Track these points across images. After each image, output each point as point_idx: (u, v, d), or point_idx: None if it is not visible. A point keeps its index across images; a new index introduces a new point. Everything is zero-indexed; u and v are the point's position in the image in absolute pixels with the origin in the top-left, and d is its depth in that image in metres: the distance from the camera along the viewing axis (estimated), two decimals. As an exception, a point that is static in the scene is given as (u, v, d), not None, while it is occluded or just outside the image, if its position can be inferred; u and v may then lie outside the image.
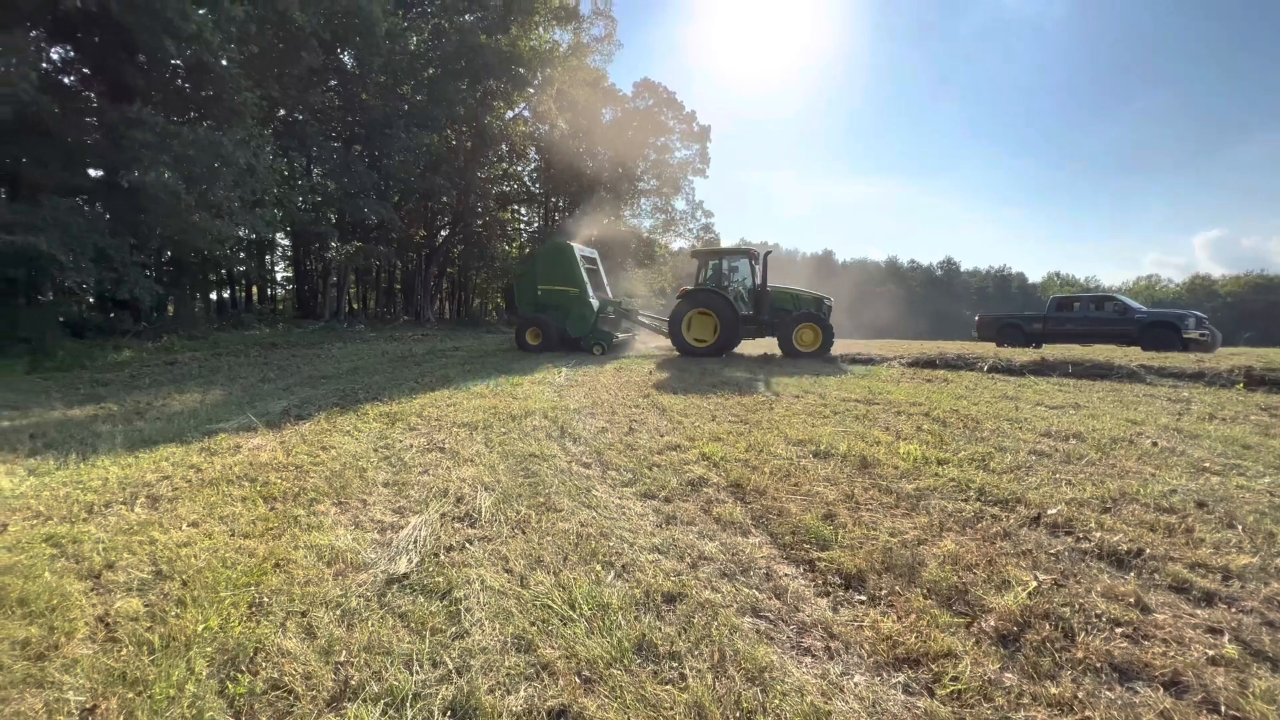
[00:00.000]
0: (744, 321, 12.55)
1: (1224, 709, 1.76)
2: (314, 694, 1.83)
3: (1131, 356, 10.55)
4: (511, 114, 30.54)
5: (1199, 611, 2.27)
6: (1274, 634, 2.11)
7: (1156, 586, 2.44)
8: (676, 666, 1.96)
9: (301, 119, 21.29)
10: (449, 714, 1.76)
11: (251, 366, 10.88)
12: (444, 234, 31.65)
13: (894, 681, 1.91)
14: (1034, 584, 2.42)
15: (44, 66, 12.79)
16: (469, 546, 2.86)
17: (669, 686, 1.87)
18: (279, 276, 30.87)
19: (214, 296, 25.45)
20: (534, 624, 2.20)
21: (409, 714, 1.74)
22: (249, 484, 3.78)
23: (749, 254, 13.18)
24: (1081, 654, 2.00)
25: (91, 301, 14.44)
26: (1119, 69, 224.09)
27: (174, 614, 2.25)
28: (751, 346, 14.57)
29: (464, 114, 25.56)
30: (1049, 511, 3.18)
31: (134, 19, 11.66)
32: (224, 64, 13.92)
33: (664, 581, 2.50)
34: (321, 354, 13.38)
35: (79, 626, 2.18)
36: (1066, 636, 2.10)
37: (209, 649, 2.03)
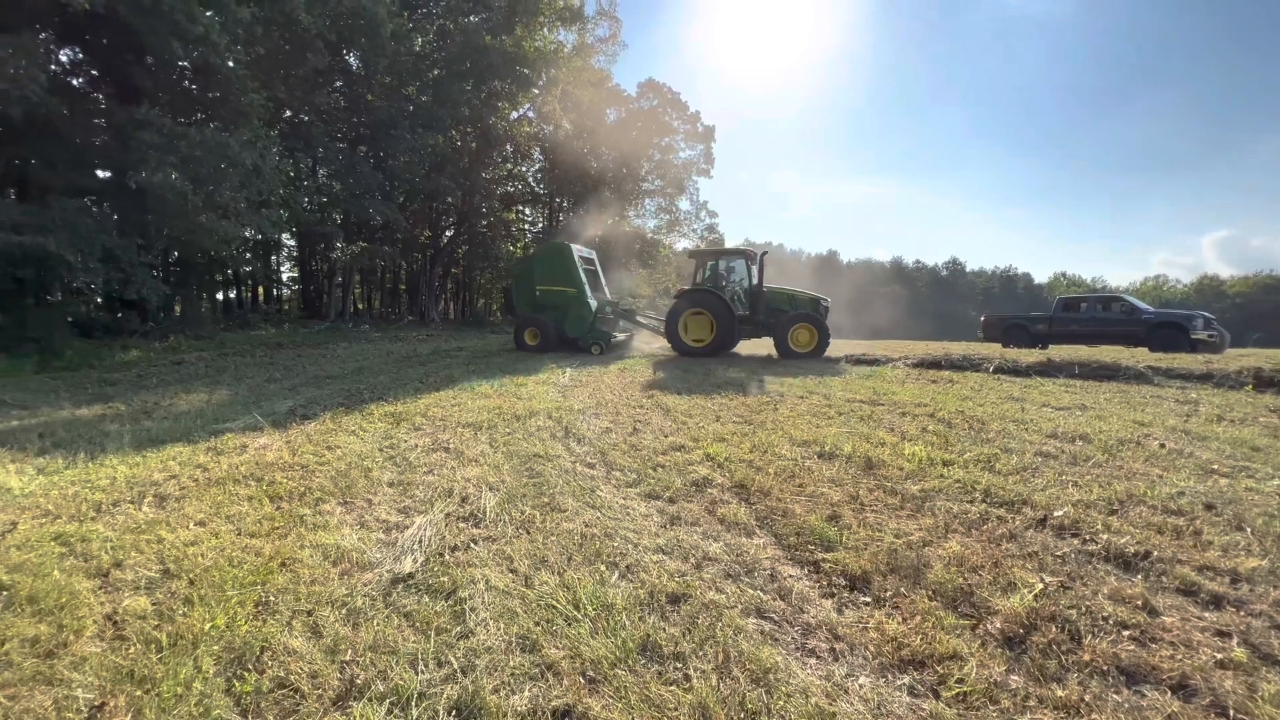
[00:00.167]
0: (740, 322, 12.56)
1: (1232, 713, 1.75)
2: (320, 693, 1.84)
3: (1139, 357, 10.49)
4: (516, 114, 30.65)
5: (1207, 614, 2.25)
6: (1283, 638, 2.09)
7: (1164, 589, 2.43)
8: (681, 667, 1.96)
9: (307, 120, 21.38)
10: (454, 713, 1.76)
11: (257, 366, 10.94)
12: (449, 234, 31.76)
13: (899, 683, 1.91)
14: (1040, 586, 2.41)
15: (53, 68, 12.87)
16: (474, 546, 2.87)
17: (673, 687, 1.86)
18: (284, 277, 31.05)
19: (220, 297, 25.66)
20: (538, 624, 2.20)
21: (414, 713, 1.75)
22: (255, 483, 3.80)
23: (745, 254, 13.18)
24: (1088, 656, 1.99)
25: (99, 301, 14.54)
26: (1125, 68, 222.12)
27: (181, 612, 2.26)
28: (753, 347, 14.55)
29: (469, 115, 25.62)
30: (1055, 513, 3.16)
31: (141, 21, 11.73)
32: (230, 65, 13.97)
33: (668, 582, 2.50)
34: (327, 354, 13.45)
35: (87, 624, 2.19)
36: (1073, 639, 2.08)
37: (216, 647, 2.04)
